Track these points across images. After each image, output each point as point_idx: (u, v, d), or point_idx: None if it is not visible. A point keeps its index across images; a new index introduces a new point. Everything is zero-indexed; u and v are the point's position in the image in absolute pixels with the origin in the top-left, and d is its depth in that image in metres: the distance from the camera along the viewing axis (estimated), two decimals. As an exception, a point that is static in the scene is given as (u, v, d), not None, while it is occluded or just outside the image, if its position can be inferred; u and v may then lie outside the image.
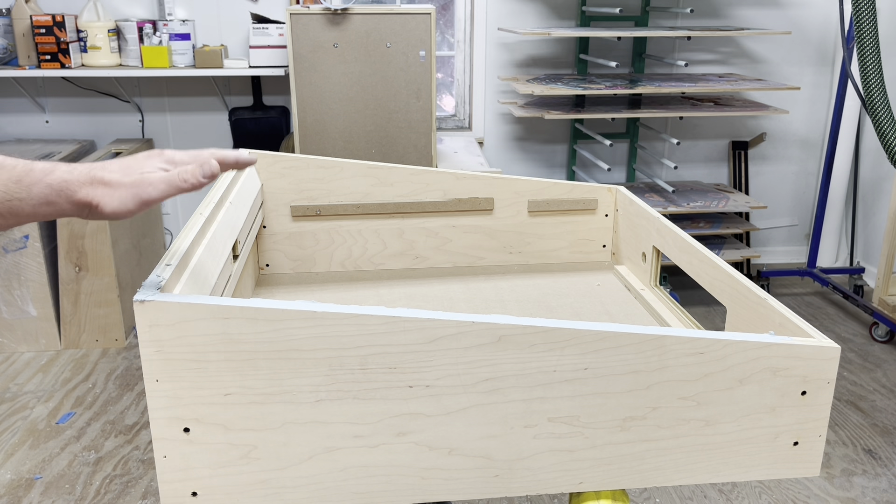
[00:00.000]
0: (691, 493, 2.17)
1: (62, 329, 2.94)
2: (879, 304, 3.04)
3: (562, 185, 1.43)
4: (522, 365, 0.82)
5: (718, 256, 1.26)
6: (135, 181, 0.76)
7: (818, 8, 3.63)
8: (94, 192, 0.75)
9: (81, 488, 2.14)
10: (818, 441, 0.91)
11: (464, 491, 0.88)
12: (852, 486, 2.20)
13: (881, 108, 2.35)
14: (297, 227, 1.41)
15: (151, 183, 0.76)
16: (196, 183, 0.77)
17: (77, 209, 0.75)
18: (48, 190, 0.74)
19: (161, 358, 0.78)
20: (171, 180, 0.76)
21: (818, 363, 0.87)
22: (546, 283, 1.40)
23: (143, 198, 0.75)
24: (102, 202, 0.75)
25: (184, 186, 0.77)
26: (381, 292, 1.36)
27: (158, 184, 0.76)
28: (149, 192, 0.76)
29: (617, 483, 0.90)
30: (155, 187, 0.76)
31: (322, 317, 0.78)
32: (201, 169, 0.77)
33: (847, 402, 2.65)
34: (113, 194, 0.75)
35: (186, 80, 3.44)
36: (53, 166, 0.75)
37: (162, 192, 0.76)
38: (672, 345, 0.83)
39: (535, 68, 3.57)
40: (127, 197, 0.75)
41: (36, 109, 3.41)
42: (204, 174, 0.77)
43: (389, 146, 2.80)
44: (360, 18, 2.65)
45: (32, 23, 2.99)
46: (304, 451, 0.83)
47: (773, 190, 3.91)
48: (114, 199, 0.75)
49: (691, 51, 3.64)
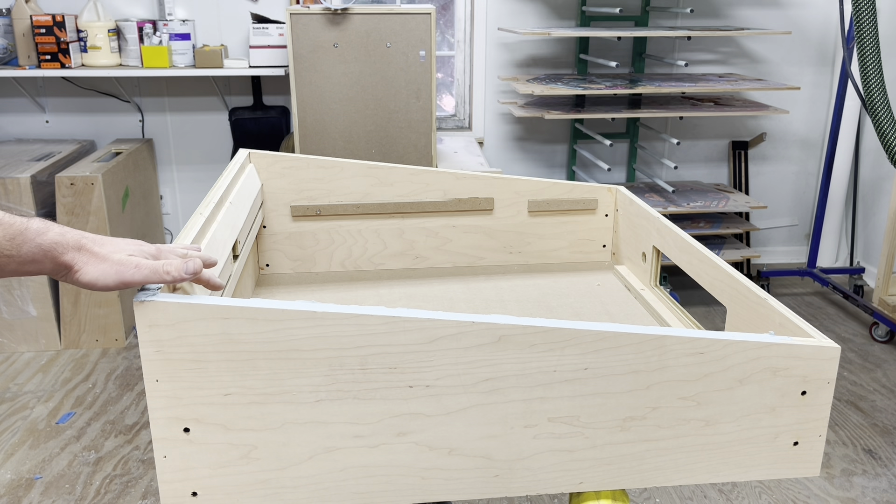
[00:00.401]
0: (691, 493, 2.17)
1: (62, 329, 2.94)
2: (879, 304, 3.04)
3: (562, 185, 1.43)
4: (522, 365, 0.82)
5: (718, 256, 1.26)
6: (121, 260, 0.79)
7: (818, 8, 3.63)
8: (78, 257, 0.78)
9: (81, 488, 2.14)
10: (818, 441, 0.91)
11: (464, 491, 0.88)
12: (852, 486, 2.20)
13: (881, 108, 2.35)
14: (297, 227, 1.41)
15: (137, 266, 0.79)
16: (178, 277, 0.80)
17: (57, 269, 0.78)
18: (37, 250, 0.76)
19: (161, 358, 0.78)
20: (155, 269, 0.79)
21: (818, 363, 0.87)
22: (546, 283, 1.40)
23: (125, 278, 0.78)
24: (83, 270, 0.78)
25: (166, 278, 0.79)
26: (381, 292, 1.35)
27: (143, 269, 0.79)
28: (132, 273, 0.78)
29: (617, 483, 0.90)
30: (139, 271, 0.79)
31: (322, 317, 0.78)
32: (185, 266, 0.80)
33: (847, 402, 2.65)
34: (97, 265, 0.78)
35: (186, 80, 3.44)
36: (47, 227, 0.78)
37: (144, 277, 0.79)
38: (672, 345, 0.83)
39: (535, 68, 3.57)
40: (110, 272, 0.78)
41: (36, 109, 3.41)
42: (187, 271, 0.80)
43: (389, 146, 2.80)
44: (360, 18, 2.65)
45: (32, 23, 2.99)
46: (304, 451, 0.83)
47: (773, 190, 3.91)
48: (95, 270, 0.78)
49: (691, 51, 3.64)
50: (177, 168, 3.57)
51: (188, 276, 0.80)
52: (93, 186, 2.81)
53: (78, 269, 0.78)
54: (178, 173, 3.58)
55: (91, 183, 2.81)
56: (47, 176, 2.89)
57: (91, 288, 0.79)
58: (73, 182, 2.80)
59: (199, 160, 3.56)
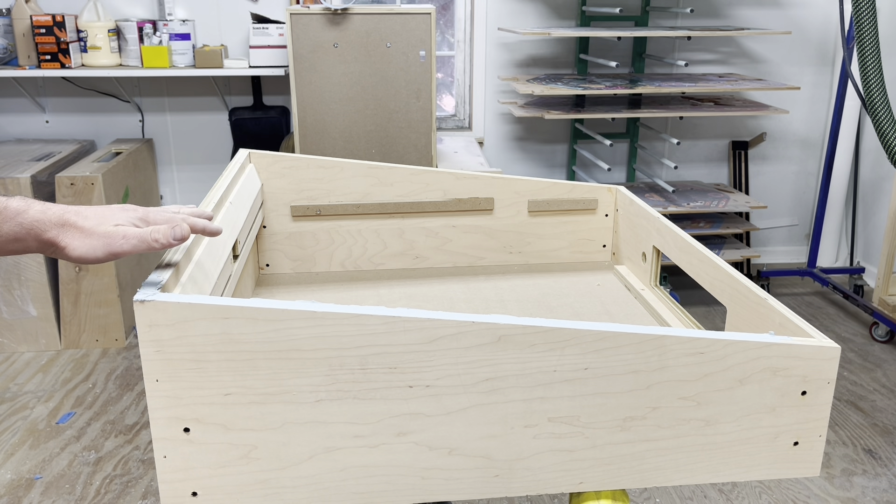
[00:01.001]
0: (691, 493, 2.17)
1: (62, 329, 2.94)
2: (879, 304, 3.04)
3: (562, 185, 1.43)
4: (522, 365, 0.82)
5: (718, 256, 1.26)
6: (108, 232, 0.78)
7: (818, 8, 3.63)
8: (62, 234, 0.77)
9: (81, 488, 2.14)
10: (818, 441, 0.91)
11: (464, 491, 0.88)
12: (852, 486, 2.20)
13: (881, 108, 2.35)
14: (297, 227, 1.41)
15: (124, 236, 0.78)
16: (166, 244, 0.80)
17: (43, 247, 0.78)
18: (18, 228, 0.76)
19: (161, 358, 0.78)
20: (143, 237, 0.79)
21: (818, 363, 0.87)
22: (546, 283, 1.40)
23: (114, 250, 0.78)
24: (70, 245, 0.77)
25: (154, 245, 0.79)
26: (381, 292, 1.35)
27: (131, 238, 0.79)
28: (120, 244, 0.78)
29: (617, 483, 0.90)
30: (127, 241, 0.78)
31: (322, 317, 0.78)
32: (173, 231, 0.80)
33: (847, 402, 2.65)
34: (84, 241, 0.78)
35: (186, 80, 3.44)
36: (28, 205, 0.77)
37: (133, 246, 0.78)
38: (672, 345, 0.83)
39: (535, 68, 3.57)
40: (98, 245, 0.78)
41: (36, 109, 3.41)
42: (175, 236, 0.80)
43: (389, 146, 2.80)
44: (360, 18, 2.65)
45: (32, 23, 2.99)
46: (304, 451, 0.83)
47: (773, 190, 3.91)
48: (83, 246, 0.78)
49: (691, 51, 3.64)
50: (177, 168, 3.57)
51: (176, 241, 0.80)
52: (93, 186, 2.81)
53: (65, 246, 0.77)
54: (178, 173, 3.58)
55: (91, 183, 2.81)
56: (47, 176, 2.89)
57: (82, 262, 0.79)
58: (73, 182, 2.80)
59: (199, 160, 3.56)
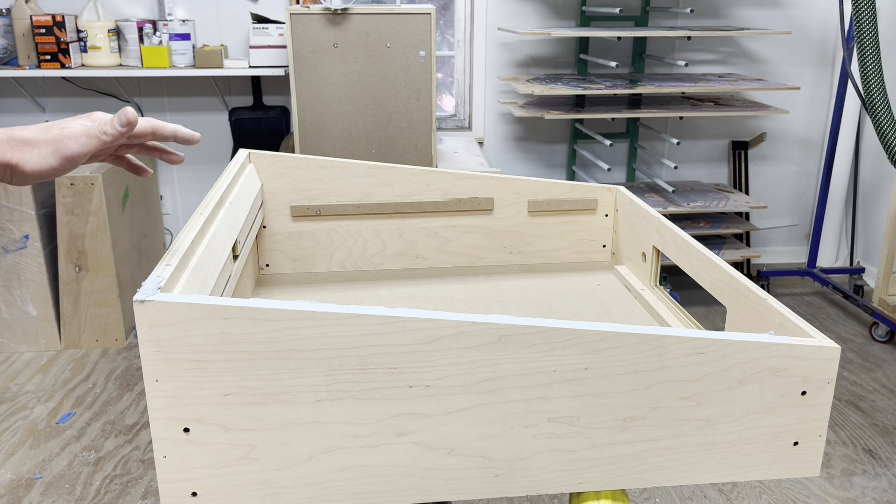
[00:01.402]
0: (691, 493, 2.17)
1: (62, 329, 2.94)
2: (879, 304, 3.04)
3: (562, 185, 1.43)
4: (522, 365, 0.82)
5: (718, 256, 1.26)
6: (54, 136, 0.75)
7: (818, 8, 3.63)
8: (12, 152, 0.74)
9: (81, 488, 2.14)
10: (818, 441, 0.91)
11: (464, 491, 0.88)
12: (852, 486, 2.20)
13: (881, 108, 2.35)
14: (297, 227, 1.41)
15: (71, 136, 0.75)
16: (115, 133, 0.76)
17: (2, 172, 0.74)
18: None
19: (161, 358, 0.78)
20: (90, 132, 0.75)
21: (818, 363, 0.87)
22: (546, 283, 1.40)
23: (65, 153, 0.75)
24: (22, 160, 0.74)
25: (104, 138, 0.76)
26: (381, 292, 1.35)
27: (79, 137, 0.75)
28: (69, 145, 0.75)
29: (617, 483, 0.90)
30: (75, 140, 0.75)
31: (322, 317, 0.78)
32: (118, 117, 0.76)
33: (847, 402, 2.65)
34: (33, 152, 0.74)
35: (186, 80, 3.44)
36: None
37: (83, 144, 0.75)
38: (672, 345, 0.83)
39: (535, 68, 3.57)
40: (47, 153, 0.74)
41: (36, 109, 3.41)
42: (121, 122, 0.76)
43: (389, 146, 2.80)
44: (360, 18, 2.65)
45: (32, 23, 2.99)
46: (304, 451, 0.83)
47: (773, 190, 3.91)
48: (34, 157, 0.74)
49: (691, 51, 3.64)
50: (177, 168, 3.57)
51: (123, 127, 0.76)
52: (93, 186, 2.81)
53: (17, 162, 0.74)
54: (178, 173, 3.58)
55: (91, 183, 2.81)
56: (47, 176, 2.89)
57: (38, 177, 0.75)
58: (73, 182, 2.80)
59: (199, 160, 3.56)
